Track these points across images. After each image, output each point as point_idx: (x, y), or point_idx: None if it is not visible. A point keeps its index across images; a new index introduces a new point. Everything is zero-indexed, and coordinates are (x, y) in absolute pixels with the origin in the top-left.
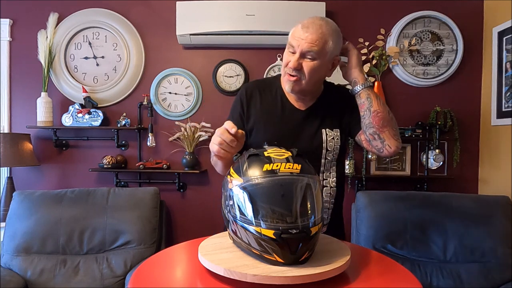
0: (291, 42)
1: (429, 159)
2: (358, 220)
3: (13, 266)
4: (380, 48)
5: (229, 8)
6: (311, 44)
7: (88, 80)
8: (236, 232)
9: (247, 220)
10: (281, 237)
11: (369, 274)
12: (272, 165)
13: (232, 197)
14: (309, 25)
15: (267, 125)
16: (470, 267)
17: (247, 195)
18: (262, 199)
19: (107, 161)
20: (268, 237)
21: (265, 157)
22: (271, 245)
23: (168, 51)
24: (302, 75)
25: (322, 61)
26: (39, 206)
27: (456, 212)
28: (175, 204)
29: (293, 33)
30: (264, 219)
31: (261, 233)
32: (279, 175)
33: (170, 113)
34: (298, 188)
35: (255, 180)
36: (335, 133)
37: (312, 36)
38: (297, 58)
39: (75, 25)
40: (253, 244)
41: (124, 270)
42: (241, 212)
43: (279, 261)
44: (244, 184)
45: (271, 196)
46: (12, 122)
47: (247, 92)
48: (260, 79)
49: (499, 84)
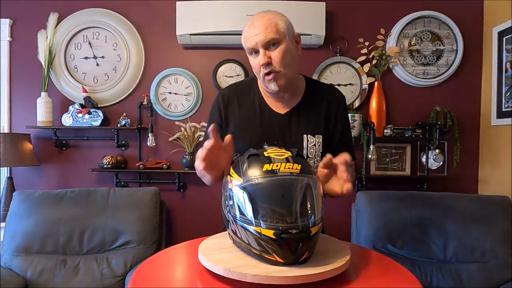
0: (249, 47)
1: (429, 159)
2: (358, 220)
3: (13, 266)
4: (380, 48)
5: (229, 8)
6: (265, 33)
7: (88, 80)
8: (236, 232)
9: (247, 220)
10: (281, 237)
11: (369, 274)
12: (272, 165)
13: (232, 197)
14: (252, 21)
15: (247, 132)
16: (470, 267)
17: (247, 195)
18: (262, 199)
19: (107, 161)
20: (268, 237)
21: (265, 157)
22: (271, 245)
23: (168, 51)
24: (276, 65)
25: (286, 42)
26: (39, 206)
27: (456, 212)
28: (175, 204)
29: (245, 38)
30: (264, 219)
31: (261, 233)
32: (279, 175)
33: (170, 113)
34: (298, 188)
35: (255, 180)
36: (317, 139)
37: (261, 27)
38: (263, 53)
39: (75, 25)
40: (253, 244)
41: (124, 270)
42: (241, 212)
43: (279, 261)
44: (244, 184)
45: (271, 196)
46: (12, 122)
47: (223, 98)
48: (236, 83)
49: (499, 84)
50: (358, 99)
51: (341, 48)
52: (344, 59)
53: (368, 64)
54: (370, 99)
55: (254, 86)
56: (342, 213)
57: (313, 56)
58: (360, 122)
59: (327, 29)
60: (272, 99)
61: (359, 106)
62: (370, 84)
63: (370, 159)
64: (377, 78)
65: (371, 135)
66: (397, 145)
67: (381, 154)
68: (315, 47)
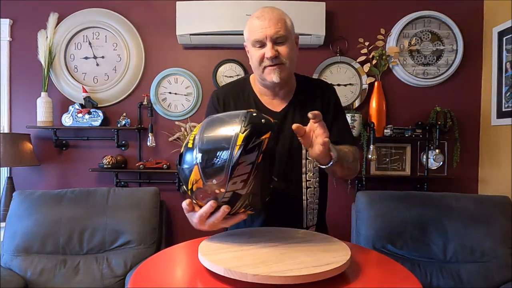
0: (256, 38)
1: (429, 159)
2: (358, 220)
3: (13, 266)
4: (380, 48)
5: (229, 8)
6: (276, 28)
7: (88, 80)
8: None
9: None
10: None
11: (369, 274)
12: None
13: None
14: (262, 13)
15: None
16: (470, 267)
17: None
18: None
19: (107, 161)
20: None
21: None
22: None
23: (168, 51)
24: (283, 60)
25: (291, 41)
26: (39, 206)
27: (456, 212)
28: (175, 204)
29: (251, 29)
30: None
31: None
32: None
33: (170, 113)
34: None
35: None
36: None
37: (272, 20)
38: (271, 46)
39: (75, 25)
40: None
41: (124, 270)
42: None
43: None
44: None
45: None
46: (12, 122)
47: (219, 99)
48: (229, 83)
49: (499, 84)
50: (358, 99)
51: (341, 48)
52: (344, 59)
53: (368, 64)
54: (370, 99)
55: (248, 85)
56: (342, 213)
57: (313, 56)
58: (360, 122)
59: (327, 29)
60: (267, 97)
61: (359, 106)
62: (370, 84)
63: (370, 159)
64: (377, 78)
65: (371, 135)
66: (397, 145)
67: (381, 154)
68: (315, 47)
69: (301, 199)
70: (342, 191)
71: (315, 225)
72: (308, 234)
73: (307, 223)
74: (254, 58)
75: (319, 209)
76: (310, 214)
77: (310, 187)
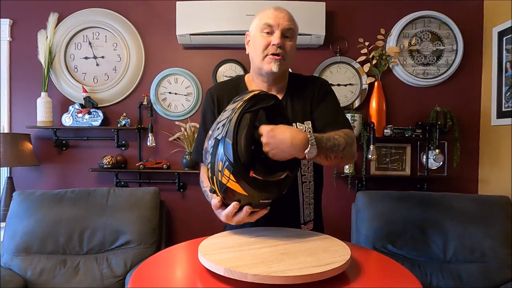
0: (268, 22)
1: (429, 159)
2: (358, 220)
3: (13, 266)
4: (380, 48)
5: (229, 8)
6: (289, 22)
7: (88, 80)
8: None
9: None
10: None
11: (369, 274)
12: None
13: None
14: (279, 8)
15: None
16: (470, 267)
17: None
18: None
19: (107, 161)
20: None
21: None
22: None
23: (168, 51)
24: (285, 53)
25: (295, 41)
26: (39, 206)
27: (456, 212)
28: (175, 204)
29: (265, 15)
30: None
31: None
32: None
33: (170, 113)
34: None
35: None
36: (306, 126)
37: (287, 15)
38: (279, 35)
39: (75, 25)
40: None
41: (124, 270)
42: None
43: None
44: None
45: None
46: (12, 122)
47: (213, 97)
48: (222, 81)
49: (499, 84)
50: (358, 99)
51: (341, 48)
52: (344, 59)
53: (368, 64)
54: (370, 99)
55: (242, 83)
56: (342, 213)
57: (313, 56)
58: (360, 122)
59: (327, 29)
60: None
61: (359, 106)
62: (370, 84)
63: (370, 159)
64: (377, 78)
65: (371, 135)
66: (397, 145)
67: (381, 154)
68: (315, 47)
69: (297, 194)
70: (342, 191)
71: (313, 220)
72: (308, 234)
73: (304, 219)
74: (258, 44)
75: (315, 203)
76: (307, 209)
77: (306, 181)
